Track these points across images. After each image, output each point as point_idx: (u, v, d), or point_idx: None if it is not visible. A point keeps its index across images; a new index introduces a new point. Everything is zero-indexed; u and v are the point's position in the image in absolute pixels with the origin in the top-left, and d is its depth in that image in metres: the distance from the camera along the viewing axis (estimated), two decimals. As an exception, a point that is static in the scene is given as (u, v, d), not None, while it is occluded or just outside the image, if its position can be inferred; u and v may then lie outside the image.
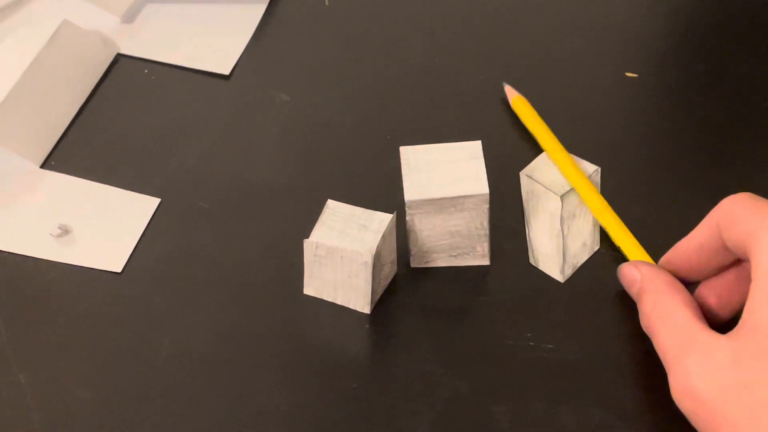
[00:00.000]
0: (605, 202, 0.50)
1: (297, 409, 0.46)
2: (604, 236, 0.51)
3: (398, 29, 0.65)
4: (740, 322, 0.40)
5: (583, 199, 0.50)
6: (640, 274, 0.46)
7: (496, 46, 0.63)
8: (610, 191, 0.52)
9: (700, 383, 0.40)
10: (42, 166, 0.58)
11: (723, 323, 0.45)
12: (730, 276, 0.45)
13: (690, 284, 0.46)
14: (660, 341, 0.43)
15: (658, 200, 0.54)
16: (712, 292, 0.46)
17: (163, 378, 0.48)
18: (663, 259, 0.47)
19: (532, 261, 0.51)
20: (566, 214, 0.50)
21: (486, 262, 0.51)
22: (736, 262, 0.45)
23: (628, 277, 0.47)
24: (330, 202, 0.49)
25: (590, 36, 0.63)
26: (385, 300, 0.50)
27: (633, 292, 0.47)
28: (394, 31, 0.65)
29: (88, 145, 0.59)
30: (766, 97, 0.58)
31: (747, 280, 0.44)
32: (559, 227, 0.50)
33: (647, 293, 0.45)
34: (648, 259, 0.49)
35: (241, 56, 0.63)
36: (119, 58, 0.64)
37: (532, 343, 0.48)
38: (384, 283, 0.50)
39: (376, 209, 0.49)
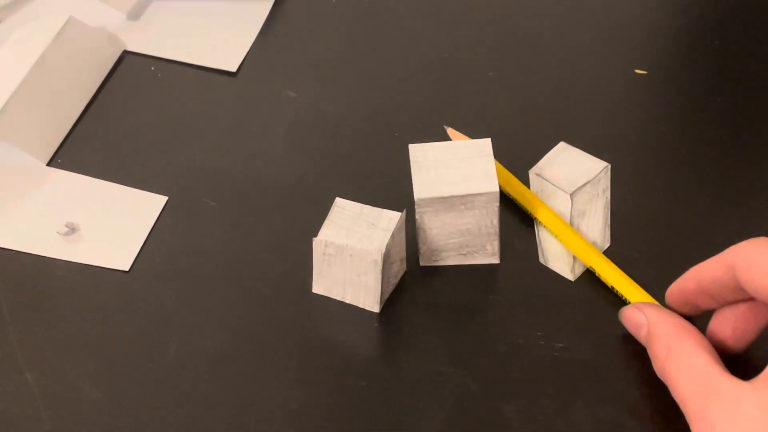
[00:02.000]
0: (590, 244, 0.49)
1: (307, 408, 0.46)
2: (615, 235, 0.51)
3: (406, 25, 0.64)
4: (767, 370, 0.39)
5: (565, 245, 0.49)
6: (646, 317, 0.44)
7: (504, 42, 0.63)
8: (619, 188, 0.51)
9: None
10: (48, 164, 0.57)
11: (737, 355, 0.44)
12: (743, 306, 0.44)
13: (692, 319, 0.45)
14: (678, 390, 0.41)
15: (668, 197, 0.53)
16: (728, 324, 0.44)
17: (172, 376, 0.47)
18: (674, 287, 0.46)
19: (542, 260, 0.51)
20: (576, 212, 0.49)
21: (496, 260, 0.51)
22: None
23: (632, 321, 0.45)
24: (338, 200, 0.49)
25: (600, 32, 0.63)
26: (394, 298, 0.50)
27: (641, 336, 0.45)
28: (402, 27, 0.64)
29: (94, 143, 0.59)
30: (777, 93, 0.58)
31: (761, 311, 0.43)
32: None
33: (658, 338, 0.43)
34: (646, 297, 0.47)
35: (248, 53, 0.63)
36: (125, 55, 0.64)
37: (542, 342, 0.48)
38: (393, 281, 0.50)
39: (385, 207, 0.49)
